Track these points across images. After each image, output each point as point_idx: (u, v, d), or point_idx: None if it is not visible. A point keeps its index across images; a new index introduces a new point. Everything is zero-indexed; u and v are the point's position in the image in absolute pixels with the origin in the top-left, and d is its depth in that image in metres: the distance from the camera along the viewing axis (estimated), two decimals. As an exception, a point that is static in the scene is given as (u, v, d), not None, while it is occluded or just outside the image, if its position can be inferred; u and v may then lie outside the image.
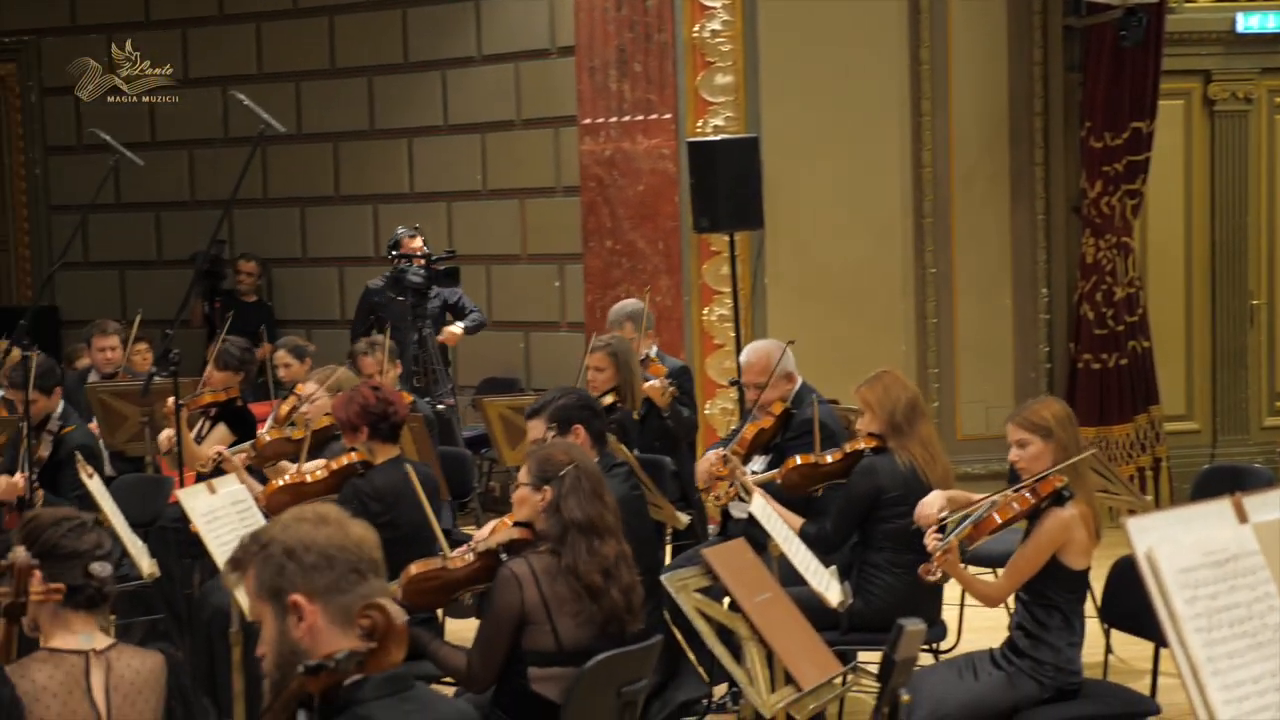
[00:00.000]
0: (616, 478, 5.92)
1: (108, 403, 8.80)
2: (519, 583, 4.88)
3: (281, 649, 3.00)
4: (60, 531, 3.98)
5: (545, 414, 5.97)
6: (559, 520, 4.97)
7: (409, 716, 2.96)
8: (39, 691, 3.82)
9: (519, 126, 11.46)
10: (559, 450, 5.20)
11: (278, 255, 12.52)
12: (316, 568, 2.98)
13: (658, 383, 8.04)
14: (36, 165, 13.23)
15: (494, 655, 4.93)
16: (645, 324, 8.51)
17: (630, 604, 4.95)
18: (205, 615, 6.81)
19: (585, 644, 4.87)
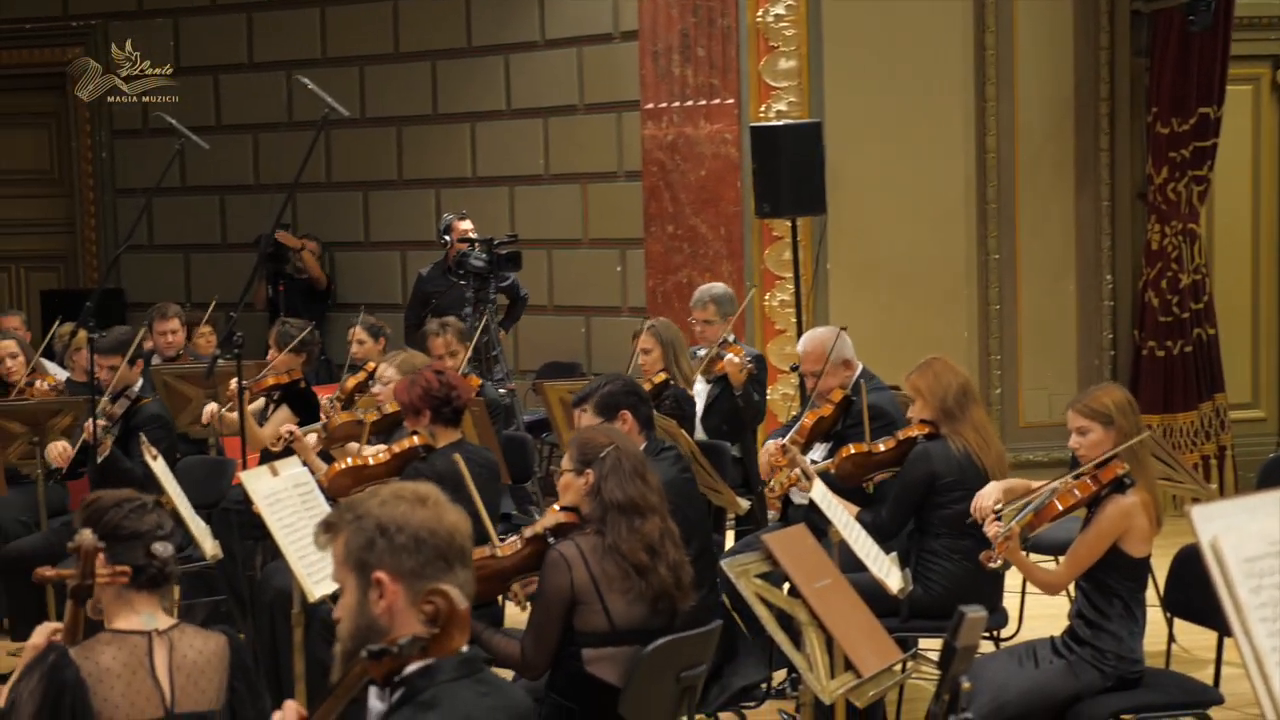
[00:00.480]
0: (665, 460, 5.94)
1: (172, 385, 8.87)
2: (567, 564, 4.89)
3: (359, 621, 3.01)
4: (122, 513, 4.01)
5: (592, 401, 5.99)
6: (600, 502, 5.00)
7: (483, 698, 2.98)
8: (102, 673, 3.84)
9: (581, 111, 11.45)
10: (599, 434, 5.23)
11: (340, 239, 12.57)
12: (405, 549, 3.00)
13: (737, 359, 8.07)
14: (103, 149, 13.33)
15: (547, 639, 4.94)
16: (728, 308, 8.54)
17: (679, 580, 4.97)
18: (267, 597, 6.85)
19: (638, 622, 4.88)
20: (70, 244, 13.59)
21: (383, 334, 9.18)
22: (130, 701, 3.85)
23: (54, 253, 13.71)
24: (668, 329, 8.22)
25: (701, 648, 4.97)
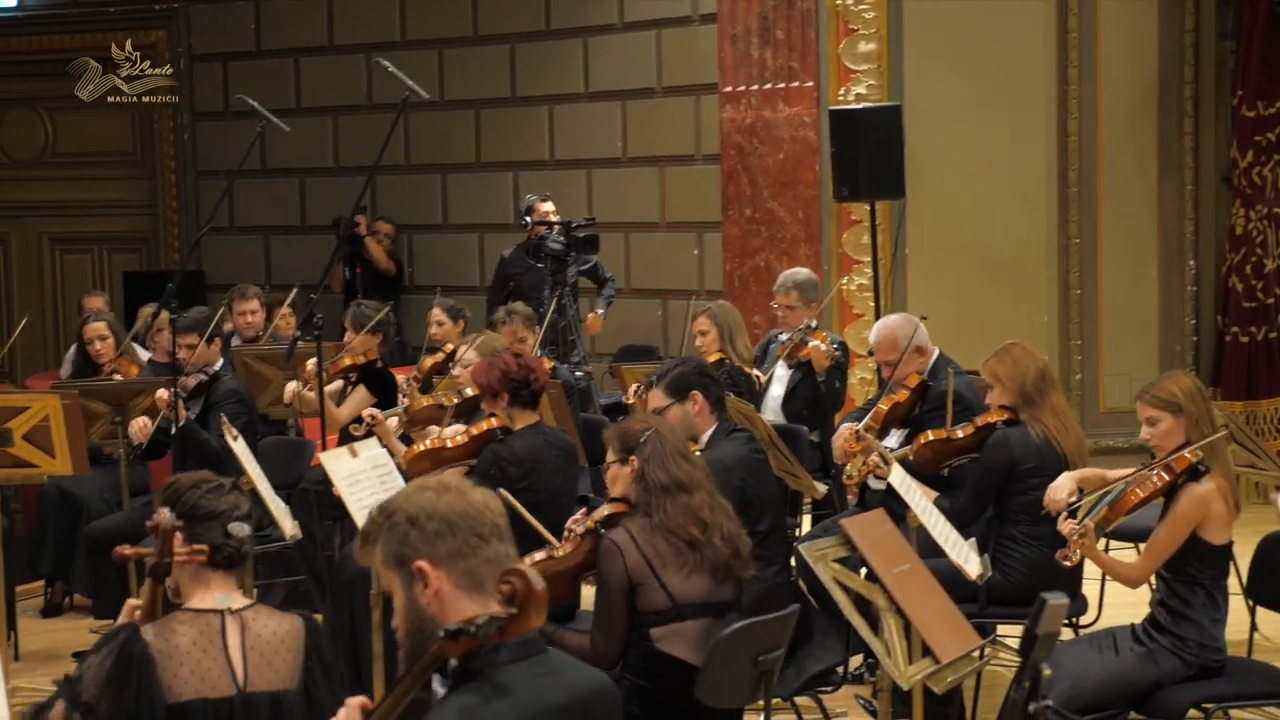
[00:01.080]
0: (736, 440, 5.97)
1: (252, 366, 8.93)
2: (619, 549, 4.94)
3: (411, 617, 3.03)
4: (200, 493, 4.04)
5: (663, 383, 6.03)
6: (646, 485, 5.04)
7: (541, 680, 2.98)
8: (174, 650, 3.87)
9: (660, 94, 11.44)
10: (636, 422, 5.30)
11: (417, 221, 12.62)
12: (439, 534, 3.02)
13: (823, 346, 8.05)
14: (185, 131, 13.43)
15: (614, 626, 4.97)
16: (811, 294, 8.53)
17: (737, 550, 5.00)
18: (345, 577, 6.89)
19: (700, 595, 4.92)
20: (152, 226, 13.71)
21: (461, 316, 9.21)
22: (201, 679, 3.88)
23: (136, 235, 13.84)
24: (724, 311, 8.29)
25: (778, 632, 4.96)
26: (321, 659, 4.03)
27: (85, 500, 8.49)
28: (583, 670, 3.19)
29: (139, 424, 7.93)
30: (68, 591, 8.82)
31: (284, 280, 12.48)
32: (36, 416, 7.18)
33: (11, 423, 7.15)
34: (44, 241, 14.05)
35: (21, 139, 13.91)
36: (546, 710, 2.95)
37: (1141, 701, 5.39)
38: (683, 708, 4.85)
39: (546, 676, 3.00)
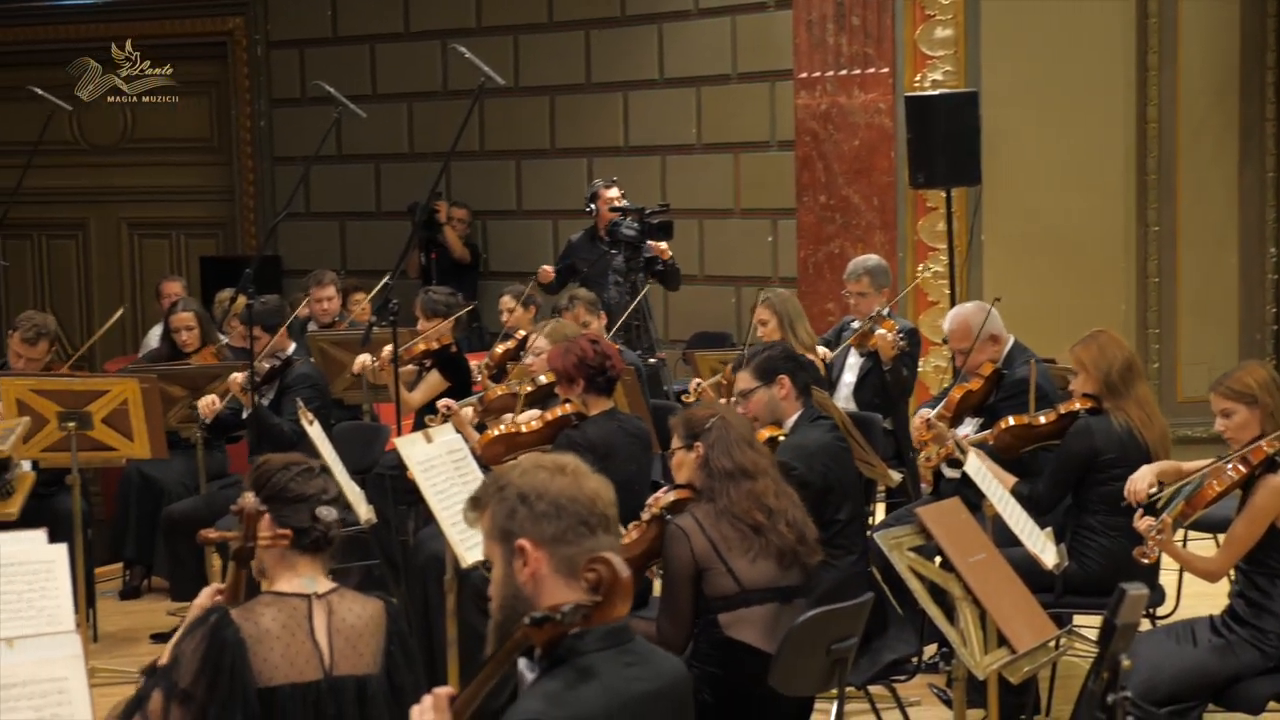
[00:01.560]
0: (821, 426, 5.96)
1: (327, 351, 8.98)
2: (685, 534, 4.95)
3: (506, 592, 3.04)
4: (289, 475, 4.06)
5: (751, 366, 6.02)
6: (710, 471, 5.06)
7: (628, 669, 2.98)
8: (262, 634, 3.89)
9: (735, 80, 11.41)
10: (702, 408, 5.33)
11: (492, 207, 12.65)
12: (546, 515, 3.02)
13: (889, 335, 8.02)
14: (262, 117, 13.51)
15: (680, 611, 4.99)
16: (882, 280, 8.50)
17: (803, 536, 5.01)
18: (420, 562, 6.92)
19: (767, 580, 4.92)
20: (229, 211, 13.80)
21: (532, 302, 9.23)
22: (289, 662, 3.90)
23: (213, 220, 13.94)
24: (783, 300, 8.26)
25: (853, 620, 4.95)
26: (402, 642, 4.05)
27: (165, 484, 8.57)
28: (666, 658, 3.19)
29: (206, 401, 7.98)
30: (147, 574, 8.91)
31: (359, 266, 12.54)
32: (115, 400, 7.25)
33: (91, 406, 7.21)
34: (123, 227, 14.17)
35: (101, 125, 14.03)
36: (633, 698, 2.96)
37: (1220, 693, 5.35)
38: (754, 694, 4.85)
39: (634, 665, 3.01)
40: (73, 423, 7.15)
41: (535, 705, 2.87)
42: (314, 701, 3.90)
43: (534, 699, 2.88)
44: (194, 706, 3.83)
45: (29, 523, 5.54)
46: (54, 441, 7.21)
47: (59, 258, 14.29)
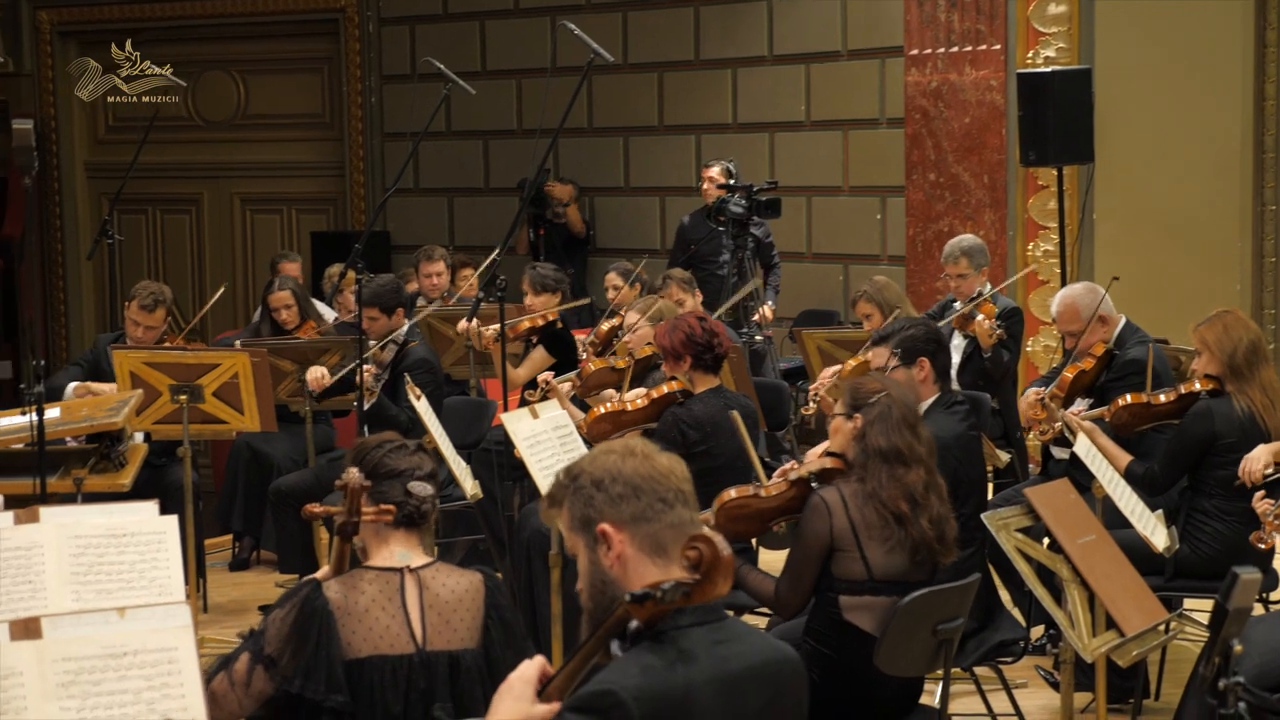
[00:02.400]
0: (956, 414, 5.81)
1: (435, 327, 9.02)
2: (828, 509, 4.88)
3: (594, 580, 3.04)
4: (383, 451, 4.10)
5: (891, 343, 5.88)
6: (864, 448, 4.95)
7: (720, 647, 2.97)
8: (355, 606, 3.93)
9: (845, 57, 11.34)
10: (872, 380, 5.19)
11: (600, 184, 12.66)
12: (623, 497, 3.02)
13: (987, 322, 7.94)
14: (372, 94, 13.60)
15: (803, 582, 4.94)
16: (981, 259, 8.40)
17: (942, 535, 4.89)
18: (525, 537, 6.95)
19: (896, 573, 4.84)
20: (339, 187, 13.90)
21: (638, 280, 9.22)
22: (380, 636, 3.93)
23: (324, 195, 14.05)
24: (880, 289, 8.16)
25: (960, 600, 4.91)
26: (501, 617, 4.06)
27: (273, 457, 8.65)
28: (763, 639, 3.18)
29: (315, 375, 8.03)
30: (256, 546, 9.01)
31: (467, 241, 12.60)
32: (226, 374, 7.33)
33: (202, 379, 7.29)
34: (235, 202, 14.32)
35: (215, 101, 14.18)
36: (728, 676, 2.95)
37: (1333, 680, 5.26)
38: (863, 678, 4.82)
39: (728, 643, 3.00)
40: (184, 395, 7.23)
41: (616, 676, 2.87)
42: (405, 675, 3.93)
43: (618, 671, 2.87)
44: (277, 672, 3.87)
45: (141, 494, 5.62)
46: (166, 414, 7.30)
47: (173, 232, 14.47)
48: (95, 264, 13.55)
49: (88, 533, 4.34)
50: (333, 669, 3.86)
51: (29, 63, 14.31)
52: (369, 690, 3.91)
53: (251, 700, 3.90)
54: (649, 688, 2.85)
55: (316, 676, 3.85)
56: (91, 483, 6.09)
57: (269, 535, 8.65)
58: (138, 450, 6.60)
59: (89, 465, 6.17)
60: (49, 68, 14.29)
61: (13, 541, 4.29)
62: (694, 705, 2.88)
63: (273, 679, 3.89)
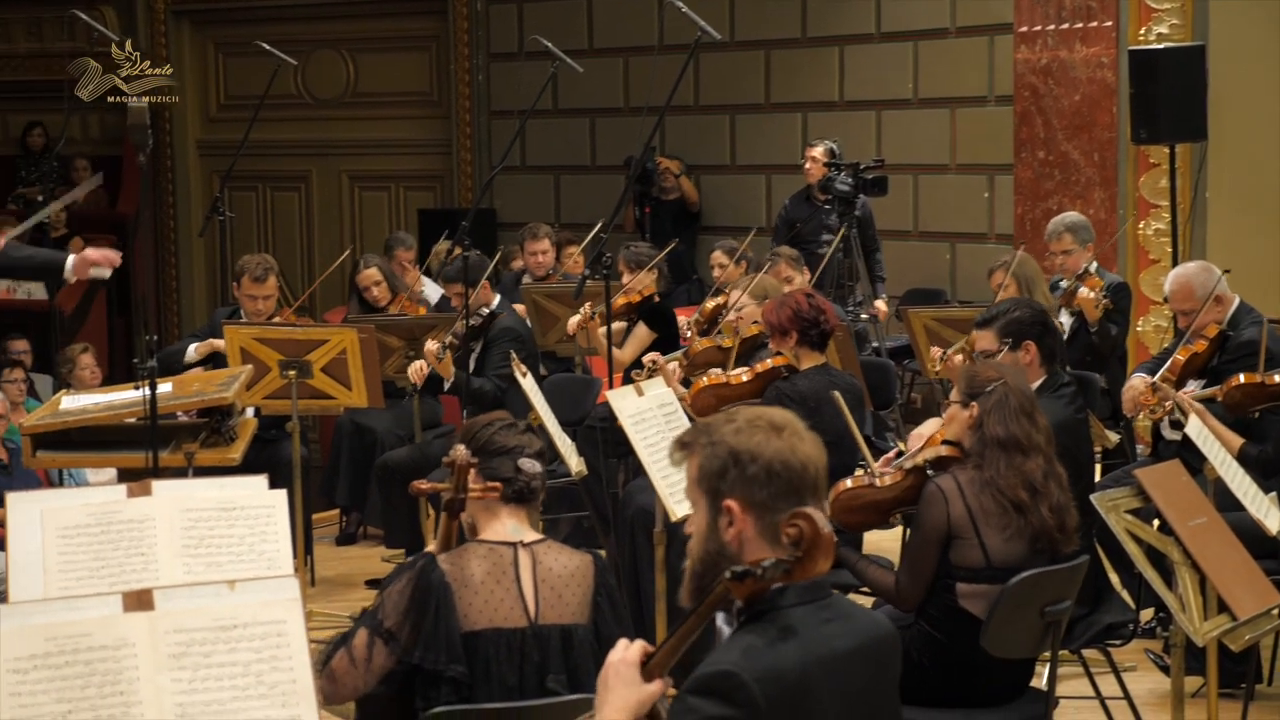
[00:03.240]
0: (1062, 398, 5.73)
1: (541, 303, 9.06)
2: (945, 497, 4.83)
3: (709, 545, 3.02)
4: (493, 429, 4.13)
5: (997, 325, 5.80)
6: (982, 436, 4.90)
7: (827, 625, 2.96)
8: (469, 580, 3.96)
9: (953, 34, 11.25)
10: (989, 368, 5.12)
11: (706, 162, 12.64)
12: (756, 480, 2.98)
13: (1091, 294, 7.85)
14: (480, 72, 13.65)
15: (922, 572, 4.90)
16: (1085, 235, 8.32)
17: (1062, 524, 4.83)
18: (629, 514, 6.95)
19: (1015, 560, 4.79)
20: (446, 164, 13.98)
21: (744, 258, 9.20)
22: (494, 608, 3.96)
23: (431, 173, 14.13)
24: (1023, 264, 8.02)
25: (1068, 583, 4.86)
26: (610, 596, 4.09)
27: (378, 433, 8.71)
28: (868, 615, 3.16)
29: (416, 367, 8.11)
30: (361, 521, 9.08)
31: (573, 219, 12.63)
32: (334, 350, 7.39)
33: (311, 355, 7.36)
34: (344, 179, 14.44)
35: (325, 79, 14.30)
36: (833, 655, 2.93)
37: None
38: (974, 663, 4.79)
39: (833, 621, 2.98)
40: (293, 371, 7.31)
41: (733, 657, 2.86)
42: (518, 647, 3.96)
43: (733, 651, 2.87)
44: (397, 646, 3.91)
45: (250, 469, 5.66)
46: (275, 389, 7.38)
47: (282, 209, 14.62)
48: (206, 240, 13.72)
49: (198, 506, 4.39)
50: (452, 640, 3.90)
51: (144, 43, 14.48)
52: (484, 662, 3.94)
53: (373, 676, 3.95)
54: (771, 669, 2.84)
55: (436, 647, 3.89)
56: (202, 457, 6.15)
57: (373, 510, 8.71)
58: (248, 425, 6.66)
59: (200, 439, 6.23)
60: (163, 48, 14.47)
61: (126, 514, 4.36)
62: (810, 684, 2.87)
63: (393, 653, 3.93)
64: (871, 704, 3.02)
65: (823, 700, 2.89)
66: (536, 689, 3.95)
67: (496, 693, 3.93)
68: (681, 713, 2.84)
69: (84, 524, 4.31)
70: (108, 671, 3.44)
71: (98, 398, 6.50)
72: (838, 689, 2.93)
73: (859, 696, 2.98)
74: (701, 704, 2.83)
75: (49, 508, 4.34)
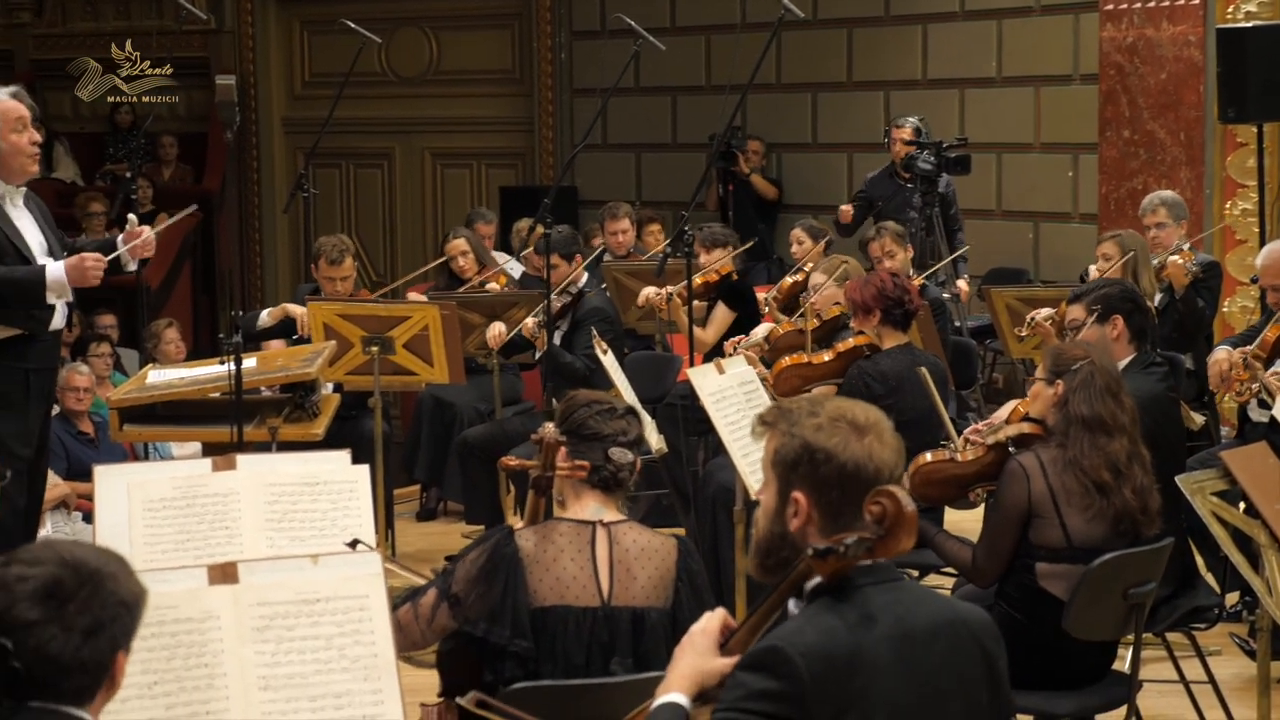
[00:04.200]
0: (1153, 375, 5.71)
1: (622, 281, 9.06)
2: (1026, 475, 4.81)
3: (774, 526, 3.01)
4: (590, 412, 4.12)
5: (1087, 300, 5.78)
6: (1066, 415, 4.87)
7: (898, 606, 2.93)
8: (542, 555, 3.97)
9: (1037, 13, 11.16)
10: (1076, 346, 5.10)
11: (787, 140, 12.60)
12: (827, 481, 2.95)
13: (1180, 259, 7.78)
14: (562, 50, 13.65)
15: (1000, 549, 4.88)
16: (1179, 212, 8.25)
17: (1145, 506, 4.79)
18: (709, 492, 6.96)
19: (1096, 541, 4.75)
20: (528, 142, 13.99)
21: (823, 236, 9.17)
22: (566, 586, 3.96)
23: (513, 150, 14.15)
24: (1132, 239, 7.99)
25: (1152, 565, 4.82)
26: (692, 582, 4.07)
27: (459, 409, 8.75)
28: (943, 599, 3.14)
29: (495, 330, 8.13)
30: (442, 497, 9.13)
31: (654, 197, 12.63)
32: (416, 326, 7.43)
33: (393, 331, 7.40)
34: (426, 157, 14.48)
35: (408, 57, 14.35)
36: (906, 634, 2.91)
37: None
38: (1055, 644, 4.76)
39: (906, 603, 2.96)
40: (376, 347, 7.35)
41: (804, 635, 2.85)
42: (588, 627, 3.96)
43: (806, 632, 2.85)
44: (460, 611, 3.93)
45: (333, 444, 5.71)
46: (358, 365, 7.43)
47: (365, 187, 14.68)
48: (290, 217, 13.78)
49: (282, 481, 4.43)
50: (519, 615, 3.91)
51: (230, 21, 14.60)
52: (551, 639, 3.94)
53: (433, 634, 3.99)
54: (820, 645, 2.83)
55: (502, 621, 3.90)
56: (286, 432, 6.20)
57: (453, 485, 8.75)
58: (330, 400, 6.72)
59: (284, 415, 6.29)
60: (249, 25, 14.57)
61: (211, 488, 4.40)
62: (866, 663, 2.85)
63: (455, 617, 3.95)
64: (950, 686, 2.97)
65: (884, 678, 2.87)
66: (602, 670, 3.95)
67: (562, 671, 3.93)
68: (730, 687, 2.85)
69: (170, 497, 4.36)
70: (193, 644, 3.48)
71: (183, 372, 6.56)
72: (907, 668, 2.90)
73: (933, 677, 2.94)
74: (747, 678, 2.83)
75: (135, 481, 4.39)
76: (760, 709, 2.80)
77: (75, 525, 7.73)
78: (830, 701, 2.81)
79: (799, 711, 2.80)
